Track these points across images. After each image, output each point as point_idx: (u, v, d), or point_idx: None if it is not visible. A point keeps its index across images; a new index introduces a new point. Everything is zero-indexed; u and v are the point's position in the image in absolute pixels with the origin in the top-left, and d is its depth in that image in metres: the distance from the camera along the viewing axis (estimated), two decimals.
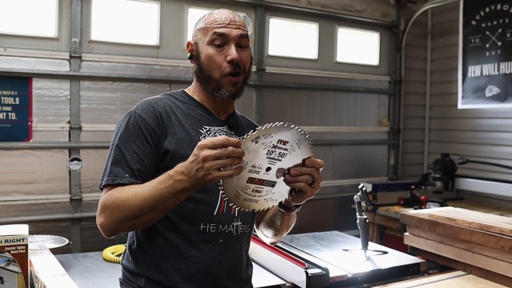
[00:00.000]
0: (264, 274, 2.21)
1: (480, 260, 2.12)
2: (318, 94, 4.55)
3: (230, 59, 1.40)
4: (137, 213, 1.24)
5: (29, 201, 3.32)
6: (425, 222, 2.37)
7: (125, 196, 1.25)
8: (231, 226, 1.41)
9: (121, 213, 1.25)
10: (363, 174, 4.78)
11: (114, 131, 1.42)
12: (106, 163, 1.37)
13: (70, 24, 3.38)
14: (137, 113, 1.39)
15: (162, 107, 1.42)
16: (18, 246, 1.55)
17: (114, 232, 1.30)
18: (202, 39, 1.44)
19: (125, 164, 1.33)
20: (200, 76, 1.46)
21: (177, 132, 1.38)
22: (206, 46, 1.42)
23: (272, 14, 4.24)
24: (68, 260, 2.34)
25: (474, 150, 4.58)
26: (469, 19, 4.27)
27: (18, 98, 3.25)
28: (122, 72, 3.60)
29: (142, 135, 1.35)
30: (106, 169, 1.35)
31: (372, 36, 4.91)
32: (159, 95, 1.50)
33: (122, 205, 1.24)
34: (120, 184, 1.30)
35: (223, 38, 1.41)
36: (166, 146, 1.36)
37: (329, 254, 2.52)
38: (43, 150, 3.35)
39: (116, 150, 1.35)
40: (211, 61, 1.42)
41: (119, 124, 1.41)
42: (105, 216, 1.27)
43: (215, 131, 1.44)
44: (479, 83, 4.21)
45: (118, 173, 1.32)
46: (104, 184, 1.33)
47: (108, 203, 1.27)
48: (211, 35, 1.41)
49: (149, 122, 1.37)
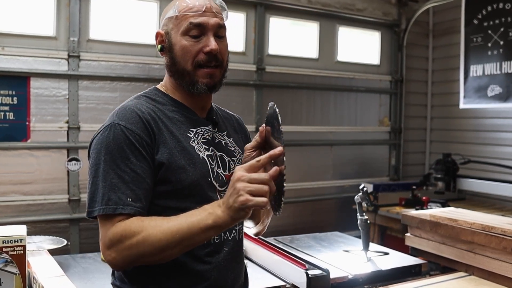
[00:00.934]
0: (264, 275, 2.21)
1: (482, 261, 2.11)
2: (319, 93, 4.55)
3: (209, 50, 1.28)
4: (160, 250, 1.12)
5: (27, 202, 3.32)
6: (426, 222, 2.37)
7: (147, 230, 1.12)
8: (233, 232, 1.35)
9: (140, 249, 1.12)
10: (364, 175, 4.77)
11: (93, 148, 1.24)
12: (93, 187, 1.20)
13: (68, 23, 3.38)
14: (122, 124, 1.22)
15: (147, 114, 1.27)
16: (16, 247, 1.55)
17: (127, 268, 1.20)
18: (174, 29, 1.31)
19: (125, 188, 1.17)
20: (173, 70, 1.33)
21: (168, 141, 1.26)
22: (180, 37, 1.30)
23: (272, 13, 4.24)
24: (67, 261, 2.34)
25: (476, 150, 4.58)
26: (471, 18, 4.27)
27: (16, 97, 3.25)
28: (121, 71, 3.60)
29: (136, 150, 1.20)
30: (96, 195, 1.18)
31: (373, 35, 4.91)
32: (133, 98, 1.35)
33: (143, 241, 1.11)
34: (123, 214, 1.16)
35: (200, 28, 1.28)
36: (159, 158, 1.23)
37: (330, 255, 2.51)
38: (41, 150, 3.35)
39: (108, 171, 1.18)
40: (185, 53, 1.29)
41: (100, 140, 1.23)
42: (118, 252, 1.14)
43: (202, 132, 1.34)
44: (481, 82, 4.21)
45: (118, 200, 1.16)
46: (101, 214, 1.17)
47: (122, 237, 1.13)
48: (186, 25, 1.28)
49: (139, 133, 1.22)
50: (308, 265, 2.06)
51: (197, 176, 1.27)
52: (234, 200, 1.07)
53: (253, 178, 1.07)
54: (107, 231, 1.16)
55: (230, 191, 1.09)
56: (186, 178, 1.25)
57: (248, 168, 1.09)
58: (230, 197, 1.08)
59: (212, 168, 1.31)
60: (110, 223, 1.16)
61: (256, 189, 1.06)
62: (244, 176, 1.07)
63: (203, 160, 1.29)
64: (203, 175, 1.28)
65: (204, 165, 1.29)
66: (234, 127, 1.51)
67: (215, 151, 1.34)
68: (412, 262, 2.39)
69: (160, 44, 1.36)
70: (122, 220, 1.16)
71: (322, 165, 4.51)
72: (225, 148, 1.38)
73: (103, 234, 1.17)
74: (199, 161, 1.28)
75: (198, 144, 1.31)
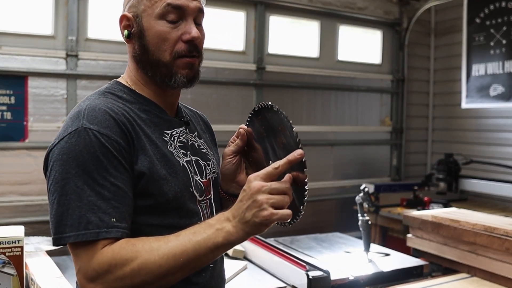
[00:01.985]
0: (264, 277, 2.21)
1: (484, 263, 2.12)
2: (319, 93, 4.55)
3: (190, 38, 1.12)
4: (160, 277, 0.97)
5: (25, 202, 3.32)
6: (428, 223, 2.37)
7: (143, 256, 0.96)
8: None
9: (136, 279, 0.96)
10: (365, 175, 4.77)
11: (56, 159, 1.01)
12: (61, 208, 0.98)
13: (66, 22, 3.38)
14: (94, 129, 1.02)
15: (121, 115, 1.08)
16: (13, 248, 1.55)
17: None
18: (147, 11, 1.12)
19: (106, 206, 0.98)
20: (144, 60, 1.15)
21: (147, 147, 1.08)
22: (155, 21, 1.12)
23: (272, 11, 4.24)
24: (65, 262, 2.34)
25: (478, 150, 4.58)
26: (473, 16, 4.27)
27: (13, 97, 3.25)
28: (120, 70, 3.56)
29: (114, 159, 1.01)
30: (68, 218, 0.97)
31: (375, 34, 4.91)
32: (96, 96, 1.15)
33: (139, 269, 0.95)
34: (108, 239, 0.98)
35: (179, 11, 1.11)
36: (139, 167, 1.05)
37: (331, 256, 2.51)
38: (39, 150, 3.35)
39: (82, 187, 0.98)
40: (162, 40, 1.11)
41: (65, 149, 1.01)
42: (106, 284, 0.96)
43: (177, 134, 1.19)
44: (483, 82, 4.21)
45: (100, 223, 0.97)
46: (79, 241, 0.97)
47: (111, 267, 0.95)
48: (163, 7, 1.10)
49: (116, 139, 1.03)
50: (309, 266, 2.06)
51: (180, 186, 1.12)
52: (255, 215, 0.94)
53: (274, 188, 0.95)
54: (89, 260, 0.97)
55: (247, 204, 0.95)
56: (169, 190, 1.09)
57: (265, 177, 0.96)
58: (247, 210, 0.95)
59: (192, 176, 1.17)
60: (92, 250, 0.97)
61: (278, 201, 0.95)
62: (265, 187, 0.95)
63: (184, 168, 1.15)
64: (185, 185, 1.13)
65: (185, 173, 1.15)
66: (201, 126, 1.36)
67: (191, 156, 1.19)
68: (413, 264, 2.39)
69: (126, 30, 1.16)
70: (106, 245, 0.98)
71: (323, 165, 4.51)
72: (199, 152, 1.24)
73: (84, 264, 0.98)
74: (180, 169, 1.13)
75: (175, 149, 1.16)
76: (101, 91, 1.18)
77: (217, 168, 1.28)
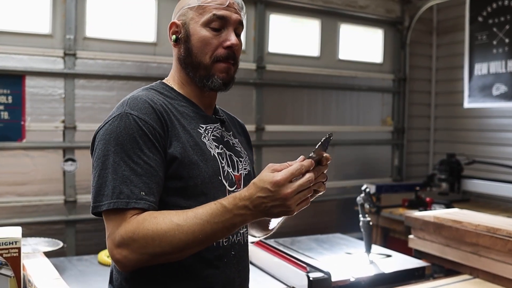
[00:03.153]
0: (265, 278, 2.21)
1: (487, 264, 2.12)
2: (320, 92, 4.55)
3: (230, 45, 1.28)
4: (179, 249, 1.09)
5: (22, 203, 3.32)
6: (430, 224, 2.37)
7: (163, 228, 1.07)
8: (239, 235, 1.32)
9: (158, 248, 1.07)
10: (367, 175, 4.78)
11: (100, 138, 1.20)
12: (100, 180, 1.15)
13: (64, 21, 3.38)
14: (134, 114, 1.18)
15: (159, 105, 1.24)
16: (10, 249, 1.55)
17: (137, 267, 1.13)
18: (195, 19, 1.29)
19: (138, 180, 1.13)
20: (187, 62, 1.30)
21: (181, 135, 1.23)
22: (200, 28, 1.28)
23: (272, 10, 4.24)
24: (63, 263, 2.34)
25: (481, 150, 4.58)
26: (475, 15, 4.27)
27: (10, 96, 3.25)
28: (118, 70, 3.60)
29: (149, 141, 1.16)
30: (105, 189, 1.13)
31: (376, 32, 4.91)
32: (141, 90, 1.31)
33: (160, 240, 1.07)
34: (136, 209, 1.11)
35: (222, 21, 1.28)
36: (172, 152, 1.20)
37: (332, 257, 2.52)
38: (37, 150, 3.35)
39: (119, 163, 1.14)
40: (205, 45, 1.27)
41: (109, 130, 1.18)
42: (130, 251, 1.08)
43: (212, 129, 1.32)
44: (486, 81, 4.21)
45: (131, 194, 1.11)
46: (111, 208, 1.12)
47: (135, 235, 1.07)
48: (209, 16, 1.27)
49: (152, 124, 1.18)
50: (309, 267, 2.06)
51: (209, 173, 1.24)
52: (281, 212, 1.07)
53: (300, 188, 1.06)
54: (118, 227, 1.10)
55: (273, 203, 1.05)
56: (199, 175, 1.22)
57: (290, 175, 1.05)
58: (273, 208, 1.06)
59: (222, 167, 1.29)
60: (121, 218, 1.11)
61: (303, 197, 1.08)
62: (293, 192, 1.05)
63: (214, 158, 1.27)
64: (214, 173, 1.26)
65: (215, 162, 1.27)
66: (237, 129, 1.50)
67: (225, 149, 1.33)
68: (415, 265, 2.39)
69: (175, 35, 1.33)
70: (134, 215, 1.11)
71: None
72: (233, 148, 1.37)
73: (112, 230, 1.11)
74: (211, 158, 1.26)
75: (208, 140, 1.29)
76: (146, 87, 1.34)
77: (249, 166, 1.40)
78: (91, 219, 3.49)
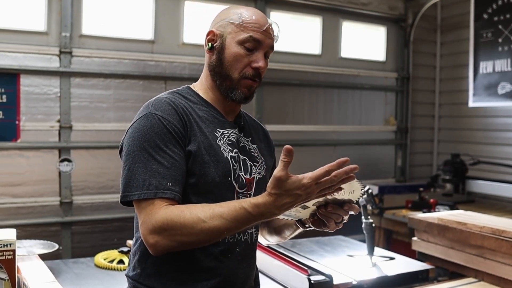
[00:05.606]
0: (265, 281, 2.21)
1: (492, 266, 2.12)
2: (322, 91, 4.55)
3: (258, 67, 1.42)
4: (204, 242, 1.27)
5: (17, 204, 3.32)
6: (434, 226, 2.37)
7: (188, 222, 1.22)
8: (247, 234, 1.44)
9: (185, 238, 1.23)
10: (369, 176, 4.77)
11: (129, 136, 1.35)
12: (130, 173, 1.30)
13: (60, 18, 3.38)
14: (158, 114, 1.34)
15: (181, 107, 1.39)
16: (5, 252, 1.55)
17: (167, 252, 1.28)
18: (232, 35, 1.42)
19: (165, 173, 1.28)
20: (217, 71, 1.44)
21: (197, 135, 1.37)
22: (236, 44, 1.42)
23: (273, 7, 4.25)
24: (58, 266, 2.34)
25: (486, 151, 4.58)
26: (480, 12, 4.27)
27: (5, 95, 3.25)
28: (115, 68, 3.60)
29: (173, 138, 1.32)
30: (134, 181, 1.28)
31: (379, 30, 4.91)
32: (166, 93, 1.46)
33: (188, 233, 1.23)
34: (163, 199, 1.26)
35: (256, 43, 1.43)
36: (189, 149, 1.35)
37: (333, 260, 2.52)
38: (32, 151, 3.35)
39: (147, 158, 1.29)
40: (236, 61, 1.42)
41: (137, 128, 1.34)
42: (162, 237, 1.24)
43: (229, 134, 1.46)
44: (491, 79, 4.21)
45: (159, 185, 1.27)
46: (141, 198, 1.27)
47: (167, 225, 1.23)
48: (246, 36, 1.41)
49: (175, 124, 1.34)
50: (311, 270, 2.06)
51: (219, 173, 1.37)
52: (291, 206, 1.19)
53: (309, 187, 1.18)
54: (150, 215, 1.25)
55: (290, 198, 1.17)
56: (209, 174, 1.35)
57: (315, 178, 1.18)
58: (287, 204, 1.18)
59: (234, 169, 1.41)
60: (151, 207, 1.26)
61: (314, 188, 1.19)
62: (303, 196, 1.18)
63: (226, 160, 1.40)
64: (224, 174, 1.38)
65: (227, 164, 1.39)
66: (259, 136, 1.61)
67: (239, 153, 1.45)
68: (419, 268, 2.39)
69: (210, 43, 1.45)
70: (162, 204, 1.26)
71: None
72: (248, 153, 1.49)
73: (146, 218, 1.26)
74: (223, 160, 1.39)
75: (223, 144, 1.42)
76: (172, 91, 1.48)
77: (264, 171, 1.52)
78: (87, 221, 3.50)
